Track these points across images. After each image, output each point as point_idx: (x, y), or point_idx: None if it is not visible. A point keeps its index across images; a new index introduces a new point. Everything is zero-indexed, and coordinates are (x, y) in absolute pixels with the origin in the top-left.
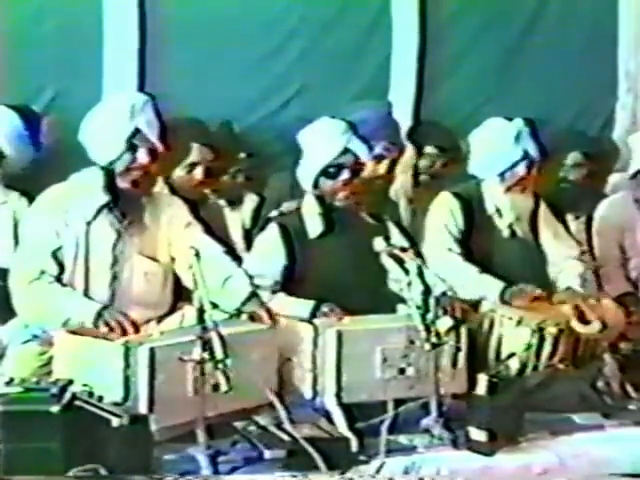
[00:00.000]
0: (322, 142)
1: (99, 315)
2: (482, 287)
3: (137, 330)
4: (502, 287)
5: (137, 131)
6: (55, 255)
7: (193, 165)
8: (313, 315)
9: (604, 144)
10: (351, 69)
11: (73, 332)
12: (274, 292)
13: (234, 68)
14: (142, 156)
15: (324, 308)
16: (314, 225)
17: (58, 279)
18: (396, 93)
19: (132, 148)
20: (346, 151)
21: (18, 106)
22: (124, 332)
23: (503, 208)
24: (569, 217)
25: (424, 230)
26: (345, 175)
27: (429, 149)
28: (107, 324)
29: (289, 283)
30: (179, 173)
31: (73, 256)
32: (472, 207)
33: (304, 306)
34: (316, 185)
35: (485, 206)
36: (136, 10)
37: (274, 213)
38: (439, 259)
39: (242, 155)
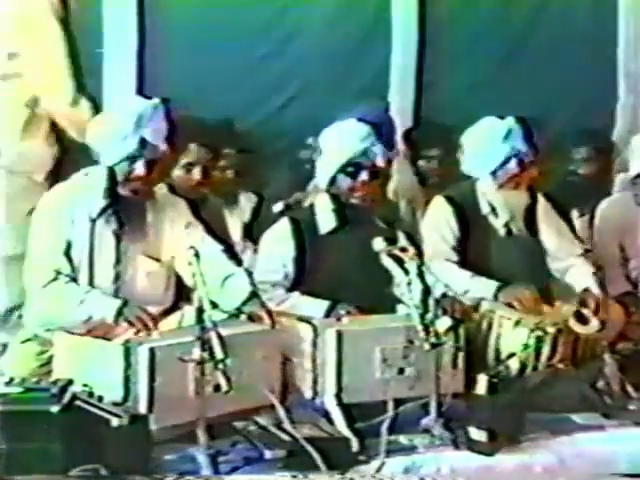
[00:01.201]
0: (343, 141)
1: (120, 311)
2: (477, 290)
3: (156, 325)
4: (496, 287)
5: (142, 140)
6: (67, 254)
7: (191, 165)
8: (327, 316)
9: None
10: (351, 69)
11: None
12: (289, 290)
13: (234, 68)
14: (139, 168)
15: (339, 309)
16: (326, 221)
17: (73, 278)
18: (396, 93)
19: (131, 158)
20: (367, 152)
21: None
22: (146, 327)
23: (498, 206)
24: (574, 214)
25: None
26: (364, 176)
27: (434, 151)
28: (128, 320)
29: (296, 277)
30: (177, 173)
31: (78, 254)
32: (466, 210)
33: (318, 307)
34: (332, 182)
35: (480, 206)
36: (136, 10)
37: (279, 206)
38: (436, 269)
39: (231, 151)
